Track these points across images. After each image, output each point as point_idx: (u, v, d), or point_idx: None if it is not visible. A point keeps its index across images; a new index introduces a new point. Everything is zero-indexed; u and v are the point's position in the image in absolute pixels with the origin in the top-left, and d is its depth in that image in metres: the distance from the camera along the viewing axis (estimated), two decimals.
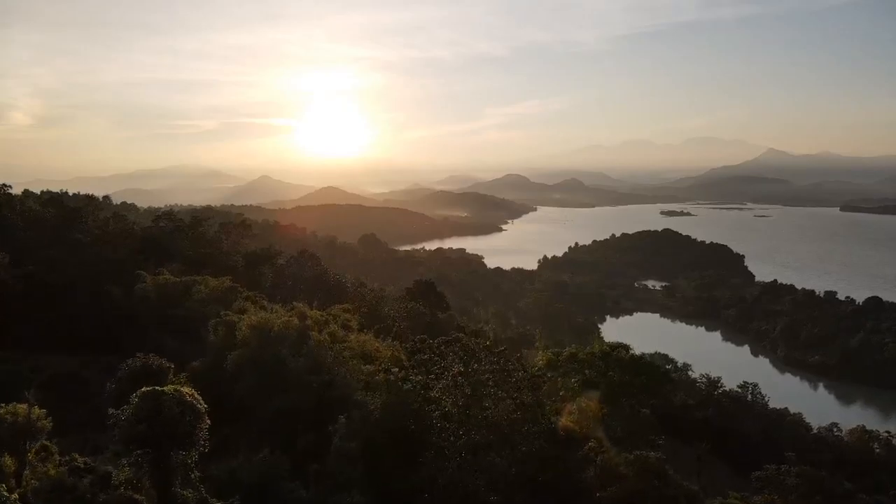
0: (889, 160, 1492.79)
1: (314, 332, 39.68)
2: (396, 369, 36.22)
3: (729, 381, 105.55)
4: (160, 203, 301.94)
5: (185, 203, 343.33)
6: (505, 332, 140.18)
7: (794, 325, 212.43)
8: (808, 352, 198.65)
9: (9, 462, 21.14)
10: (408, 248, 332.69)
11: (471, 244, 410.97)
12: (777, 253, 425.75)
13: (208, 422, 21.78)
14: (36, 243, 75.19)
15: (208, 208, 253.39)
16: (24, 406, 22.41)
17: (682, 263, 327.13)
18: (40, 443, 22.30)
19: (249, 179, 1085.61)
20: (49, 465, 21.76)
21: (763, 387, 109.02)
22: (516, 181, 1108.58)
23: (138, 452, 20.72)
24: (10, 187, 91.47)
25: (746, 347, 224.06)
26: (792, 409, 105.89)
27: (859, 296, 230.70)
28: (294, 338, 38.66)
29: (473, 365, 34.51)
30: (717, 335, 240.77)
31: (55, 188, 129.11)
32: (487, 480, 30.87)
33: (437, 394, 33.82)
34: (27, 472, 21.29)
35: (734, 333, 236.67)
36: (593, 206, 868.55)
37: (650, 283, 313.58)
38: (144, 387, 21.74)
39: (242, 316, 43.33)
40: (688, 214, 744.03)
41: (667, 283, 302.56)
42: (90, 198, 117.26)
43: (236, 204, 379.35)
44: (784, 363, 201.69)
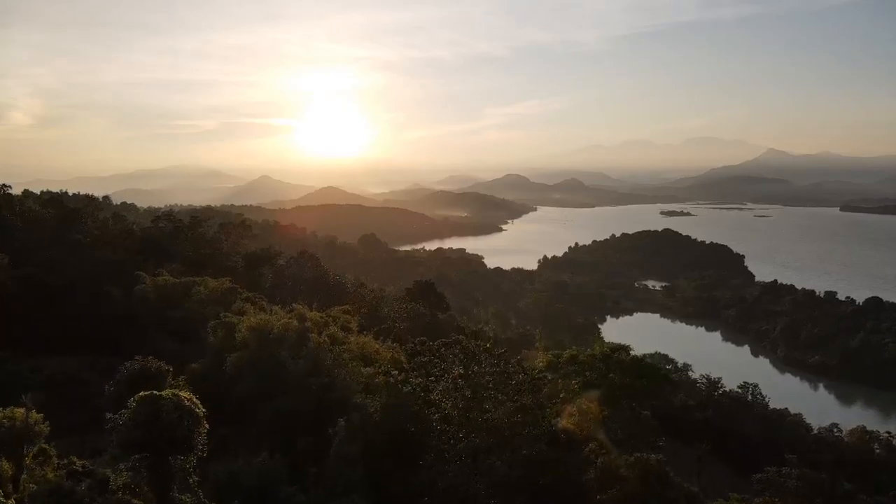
0: (889, 160, 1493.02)
1: (314, 334, 39.58)
2: (396, 372, 36.10)
3: (729, 382, 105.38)
4: (160, 203, 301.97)
5: (185, 203, 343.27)
6: (505, 333, 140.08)
7: (795, 326, 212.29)
8: (809, 352, 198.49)
9: (6, 467, 21.02)
10: (408, 248, 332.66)
11: (471, 244, 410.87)
12: (777, 253, 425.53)
13: (206, 426, 21.71)
14: (35, 244, 75.06)
15: (208, 208, 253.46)
16: (22, 410, 22.30)
17: (682, 263, 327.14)
18: (38, 446, 22.20)
19: (249, 179, 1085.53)
20: (47, 469, 21.65)
21: (763, 387, 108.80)
22: (516, 181, 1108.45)
23: (136, 457, 20.64)
24: (10, 187, 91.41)
25: (746, 348, 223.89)
26: (792, 410, 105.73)
27: (859, 296, 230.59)
28: (293, 340, 38.56)
29: (474, 367, 34.35)
30: (718, 335, 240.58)
31: (55, 188, 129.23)
32: (487, 484, 30.78)
33: (437, 396, 33.66)
34: (25, 477, 21.19)
35: (734, 333, 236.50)
36: (593, 206, 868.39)
37: (650, 284, 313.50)
38: (143, 390, 21.65)
39: (242, 317, 43.24)
40: (688, 214, 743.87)
41: (667, 284, 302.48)
42: (90, 198, 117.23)
43: (236, 204, 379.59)
44: (784, 363, 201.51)
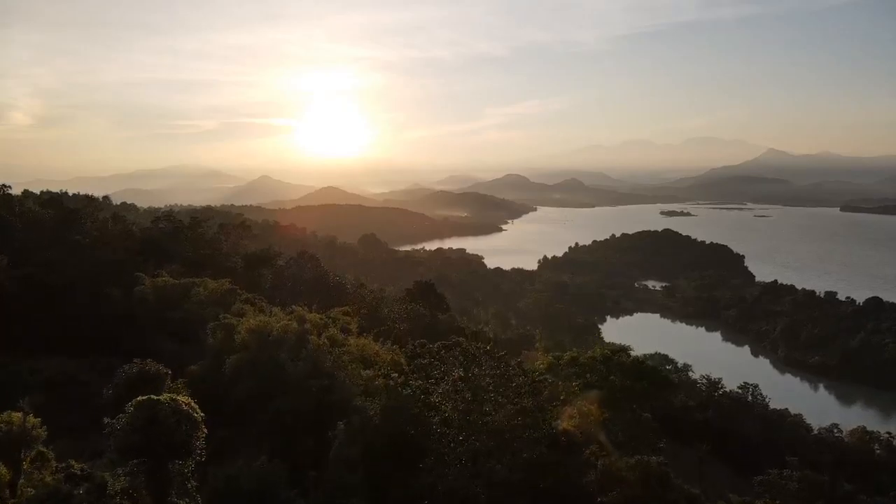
0: (889, 160, 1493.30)
1: (313, 336, 39.42)
2: (396, 374, 35.97)
3: (729, 382, 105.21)
4: (160, 203, 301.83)
5: (185, 203, 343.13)
6: (505, 333, 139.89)
7: (795, 326, 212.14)
8: (809, 352, 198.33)
9: (4, 471, 20.88)
10: (408, 249, 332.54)
11: (471, 244, 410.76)
12: (777, 253, 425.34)
13: (205, 430, 21.59)
14: (35, 244, 74.91)
15: (208, 208, 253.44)
16: (19, 414, 22.18)
17: (683, 264, 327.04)
18: (36, 450, 22.07)
19: (249, 179, 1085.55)
20: (45, 473, 21.54)
21: (763, 387, 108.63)
22: (516, 181, 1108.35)
23: (134, 462, 20.54)
24: (10, 187, 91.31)
25: (747, 348, 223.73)
26: (792, 410, 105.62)
27: (859, 296, 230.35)
28: (293, 342, 38.41)
29: (474, 370, 34.21)
30: (718, 335, 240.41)
31: (55, 188, 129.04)
32: (488, 487, 30.64)
33: (437, 399, 33.52)
34: (22, 481, 21.08)
35: (734, 334, 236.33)
36: (593, 206, 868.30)
37: (650, 284, 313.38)
38: (141, 393, 21.55)
39: (241, 319, 43.13)
40: (688, 214, 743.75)
41: (667, 284, 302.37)
42: (90, 198, 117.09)
43: (236, 204, 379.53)
44: (784, 364, 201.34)
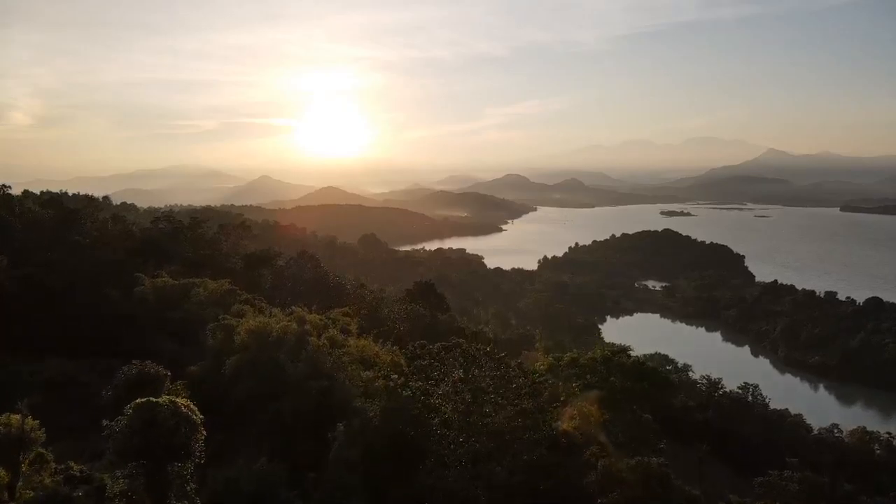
0: (889, 160, 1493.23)
1: (313, 337, 39.34)
2: (396, 375, 35.87)
3: (729, 382, 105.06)
4: (160, 203, 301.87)
5: (185, 203, 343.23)
6: (505, 333, 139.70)
7: (795, 326, 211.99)
8: (809, 352, 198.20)
9: (2, 474, 20.83)
10: (408, 249, 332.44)
11: (471, 244, 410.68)
12: (777, 253, 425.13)
13: (204, 433, 21.54)
14: (35, 244, 74.91)
15: (208, 208, 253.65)
16: (18, 416, 22.10)
17: (683, 264, 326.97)
18: (35, 452, 22.01)
19: (249, 179, 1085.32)
20: (44, 474, 21.49)
21: (763, 387, 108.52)
22: (516, 181, 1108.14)
23: (133, 465, 20.48)
24: (10, 188, 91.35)
25: (747, 348, 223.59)
26: (792, 410, 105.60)
27: (859, 296, 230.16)
28: (293, 343, 38.32)
29: (474, 371, 34.14)
30: (718, 335, 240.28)
31: (55, 188, 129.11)
32: (488, 489, 30.56)
33: (437, 400, 33.43)
34: (21, 484, 21.01)
35: (734, 334, 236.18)
36: (593, 206, 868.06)
37: (650, 284, 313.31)
38: (141, 395, 21.49)
39: (241, 320, 43.06)
40: (688, 214, 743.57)
41: (667, 284, 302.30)
42: (90, 198, 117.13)
43: (236, 204, 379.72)
44: (784, 364, 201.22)
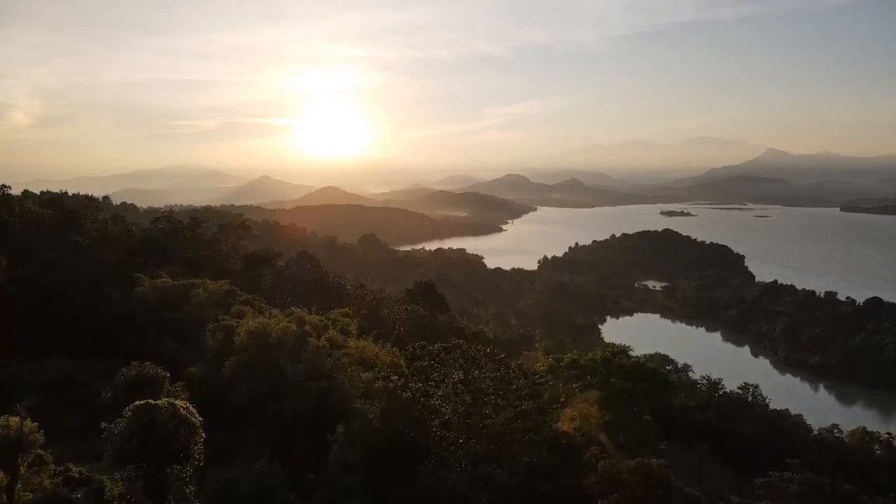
0: (889, 160, 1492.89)
1: (313, 338, 39.26)
2: (396, 377, 35.78)
3: (729, 383, 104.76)
4: (160, 203, 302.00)
5: (185, 203, 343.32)
6: (505, 333, 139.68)
7: (795, 326, 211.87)
8: (809, 352, 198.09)
9: (0, 476, 20.75)
10: (408, 249, 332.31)
11: (471, 244, 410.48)
12: (777, 253, 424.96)
13: (203, 435, 21.50)
14: (35, 245, 74.93)
15: (208, 208, 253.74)
16: (16, 419, 22.03)
17: (683, 264, 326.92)
18: (35, 454, 21.92)
19: (249, 179, 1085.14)
20: (43, 476, 21.42)
21: (763, 388, 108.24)
22: (516, 181, 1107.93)
23: (132, 467, 20.42)
24: (10, 188, 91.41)
25: (747, 348, 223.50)
26: (792, 410, 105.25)
27: (860, 296, 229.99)
28: (292, 344, 38.25)
29: (474, 372, 34.06)
30: (718, 336, 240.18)
31: (55, 188, 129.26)
32: (488, 491, 30.47)
33: (437, 402, 33.35)
34: (19, 486, 20.95)
35: (734, 334, 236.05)
36: (593, 206, 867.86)
37: (650, 284, 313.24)
38: (140, 396, 21.46)
39: (240, 321, 43.00)
40: (688, 214, 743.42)
41: (667, 284, 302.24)
42: (89, 198, 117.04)
43: (236, 204, 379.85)
44: (784, 364, 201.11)
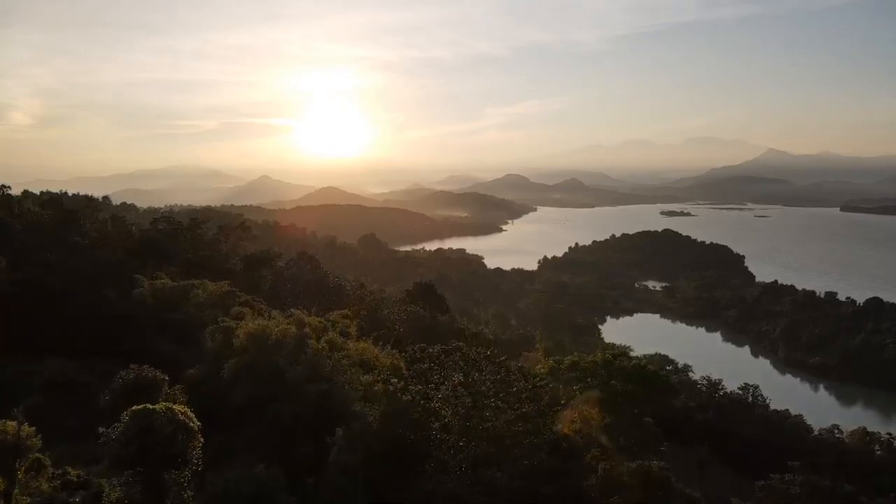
0: (889, 160, 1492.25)
1: (312, 340, 39.15)
2: (395, 379, 35.67)
3: (729, 383, 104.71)
4: (160, 203, 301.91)
5: (185, 203, 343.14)
6: (505, 334, 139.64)
7: (795, 326, 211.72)
8: (809, 353, 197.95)
9: None
10: (408, 249, 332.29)
11: (471, 244, 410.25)
12: (777, 253, 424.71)
13: (201, 440, 21.40)
14: (35, 245, 74.88)
15: (208, 209, 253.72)
16: (14, 423, 21.93)
17: (683, 264, 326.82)
18: (33, 457, 21.81)
19: (249, 179, 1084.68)
20: (42, 480, 21.32)
21: (763, 388, 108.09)
22: (516, 181, 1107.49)
23: (129, 472, 20.32)
24: (10, 188, 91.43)
25: (747, 348, 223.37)
26: (793, 411, 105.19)
27: (860, 296, 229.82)
28: (292, 346, 38.11)
29: (474, 374, 33.98)
30: (718, 336, 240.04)
31: (55, 188, 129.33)
32: (488, 495, 30.34)
33: (437, 404, 33.24)
34: (17, 491, 20.85)
35: (734, 334, 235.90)
36: (593, 206, 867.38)
37: (650, 284, 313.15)
38: (138, 399, 21.36)
39: (240, 322, 42.91)
40: (688, 214, 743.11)
41: (667, 284, 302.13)
42: (89, 199, 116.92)
43: (236, 204, 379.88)
44: (785, 364, 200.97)
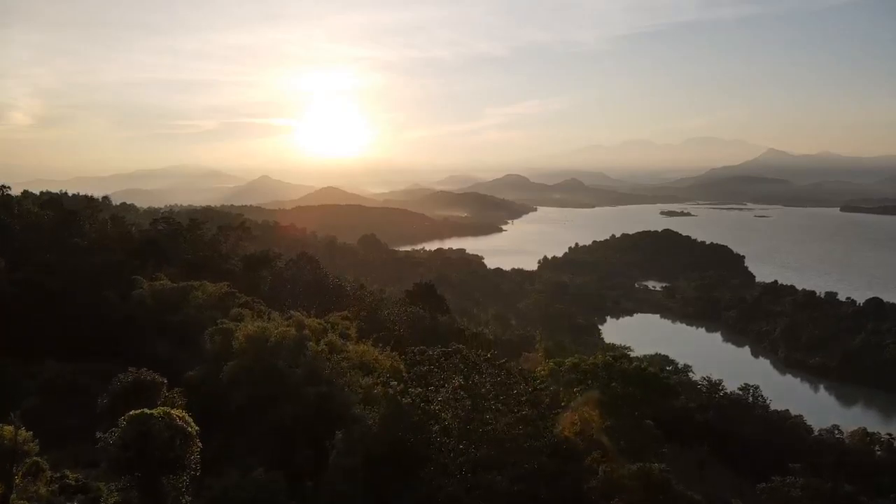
0: (889, 160, 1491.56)
1: (312, 342, 38.98)
2: (395, 382, 35.52)
3: (730, 383, 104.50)
4: (160, 203, 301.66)
5: (185, 203, 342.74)
6: (505, 334, 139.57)
7: (795, 326, 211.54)
8: (809, 353, 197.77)
9: None
10: (408, 249, 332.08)
11: (471, 244, 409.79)
12: (777, 253, 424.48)
13: (199, 445, 21.29)
14: (34, 246, 74.90)
15: (208, 209, 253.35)
16: (10, 427, 21.83)
17: (683, 264, 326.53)
18: (30, 462, 21.71)
19: (249, 179, 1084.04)
20: (40, 484, 21.24)
21: (764, 388, 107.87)
22: (516, 181, 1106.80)
23: (127, 477, 20.20)
24: (10, 188, 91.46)
25: (747, 349, 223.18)
26: (793, 411, 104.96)
27: (860, 296, 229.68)
28: (291, 348, 37.95)
29: (474, 377, 33.84)
30: (718, 336, 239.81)
31: (55, 188, 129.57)
32: (488, 499, 30.19)
33: (437, 407, 33.07)
34: (14, 496, 20.75)
35: (734, 334, 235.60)
36: (593, 206, 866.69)
37: (650, 284, 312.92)
38: (136, 403, 21.25)
39: (239, 324, 42.75)
40: (688, 215, 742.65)
41: (667, 284, 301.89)
42: (89, 199, 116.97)
43: (236, 204, 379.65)
44: (785, 364, 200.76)
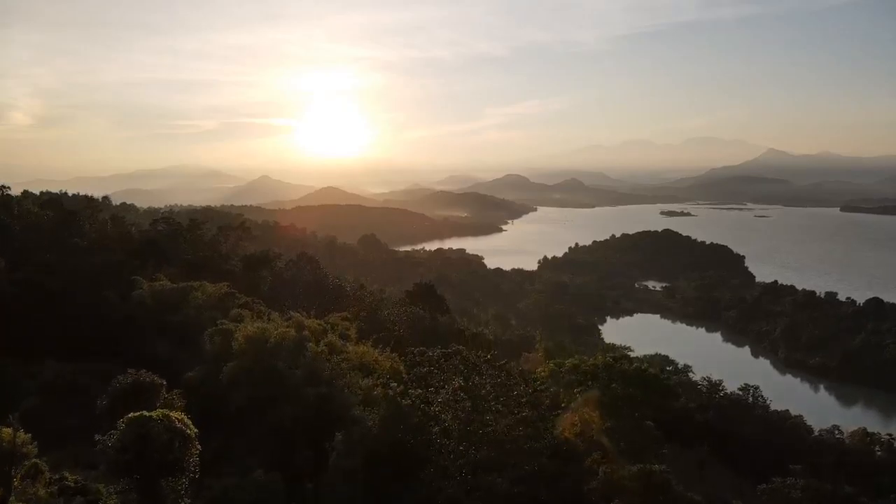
0: (889, 160, 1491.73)
1: (312, 343, 38.91)
2: (395, 383, 35.46)
3: (730, 383, 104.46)
4: (160, 203, 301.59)
5: (185, 203, 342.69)
6: (505, 334, 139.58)
7: (795, 327, 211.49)
8: (809, 353, 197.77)
9: None
10: (408, 249, 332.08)
11: (471, 244, 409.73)
12: (777, 253, 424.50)
13: (198, 447, 21.25)
14: (34, 246, 74.90)
15: (208, 209, 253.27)
16: (9, 430, 21.78)
17: (683, 264, 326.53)
18: (32, 462, 21.65)
19: (249, 179, 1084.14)
20: (39, 485, 21.19)
21: (764, 388, 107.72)
22: (516, 181, 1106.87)
23: (126, 480, 20.16)
24: (10, 188, 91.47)
25: (747, 349, 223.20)
26: (793, 411, 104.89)
27: (860, 296, 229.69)
28: (291, 349, 37.88)
29: (474, 378, 33.78)
30: (718, 336, 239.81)
31: (55, 188, 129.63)
32: (488, 501, 30.15)
33: (437, 409, 33.01)
34: (13, 498, 20.70)
35: (734, 334, 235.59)
36: (593, 206, 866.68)
37: (650, 284, 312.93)
38: (135, 405, 21.22)
39: (239, 325, 42.68)
40: (688, 215, 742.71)
41: (667, 284, 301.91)
42: (89, 199, 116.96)
43: (236, 204, 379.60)
44: (785, 364, 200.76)
